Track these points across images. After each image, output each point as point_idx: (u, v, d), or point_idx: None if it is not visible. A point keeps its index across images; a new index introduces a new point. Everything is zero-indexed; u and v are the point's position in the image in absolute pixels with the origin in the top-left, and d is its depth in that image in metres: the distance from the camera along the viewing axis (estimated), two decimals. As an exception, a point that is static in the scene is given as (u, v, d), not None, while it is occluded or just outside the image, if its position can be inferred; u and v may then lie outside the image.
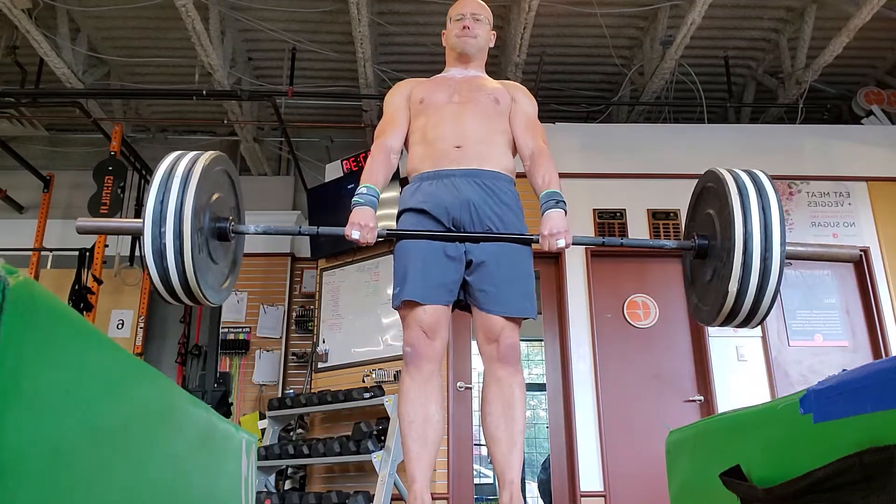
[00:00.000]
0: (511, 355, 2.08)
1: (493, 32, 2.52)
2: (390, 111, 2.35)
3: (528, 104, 2.41)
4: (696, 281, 2.22)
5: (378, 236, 2.04)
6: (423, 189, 2.19)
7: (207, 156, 1.97)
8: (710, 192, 2.12)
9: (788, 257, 1.89)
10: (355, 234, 1.99)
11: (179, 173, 1.85)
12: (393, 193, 5.17)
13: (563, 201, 2.15)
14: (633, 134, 5.58)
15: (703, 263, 2.14)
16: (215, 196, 2.01)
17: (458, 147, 2.20)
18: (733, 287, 1.88)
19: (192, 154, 1.96)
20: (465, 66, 2.44)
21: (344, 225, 2.05)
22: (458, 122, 2.24)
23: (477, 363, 7.70)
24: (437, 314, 2.10)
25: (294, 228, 2.32)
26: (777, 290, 1.89)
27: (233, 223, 2.09)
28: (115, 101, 6.27)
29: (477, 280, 2.11)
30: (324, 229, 2.12)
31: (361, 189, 2.09)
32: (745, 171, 2.02)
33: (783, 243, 1.87)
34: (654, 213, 5.18)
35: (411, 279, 2.09)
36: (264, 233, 2.12)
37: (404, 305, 2.11)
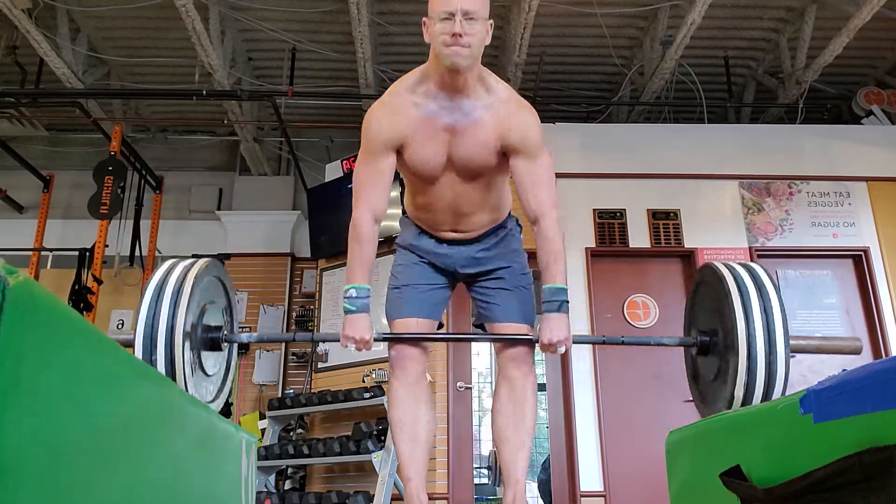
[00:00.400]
0: (525, 358, 2.08)
1: (490, 22, 1.93)
2: (369, 166, 1.99)
3: (532, 154, 1.99)
4: (698, 378, 2.21)
5: (375, 340, 2.04)
6: (424, 242, 2.20)
7: (199, 266, 1.95)
8: (708, 286, 2.10)
9: (792, 351, 1.88)
10: (351, 347, 2.01)
11: (170, 290, 1.83)
12: (392, 193, 5.17)
13: (567, 301, 1.97)
14: (633, 134, 5.58)
15: (706, 359, 2.12)
16: (207, 305, 2.00)
17: (454, 231, 2.14)
18: (738, 393, 1.86)
19: (182, 266, 1.94)
20: (455, 84, 1.91)
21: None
22: (452, 208, 2.07)
23: (477, 363, 7.70)
24: (424, 328, 2.15)
25: (288, 336, 2.51)
26: (784, 390, 1.85)
27: (225, 332, 2.09)
28: (115, 101, 6.27)
29: (491, 302, 2.16)
30: (319, 336, 2.61)
31: (350, 292, 1.98)
32: (742, 266, 2.01)
33: (787, 343, 1.85)
34: (654, 213, 5.18)
35: (406, 304, 2.16)
36: (258, 341, 2.18)
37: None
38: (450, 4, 1.83)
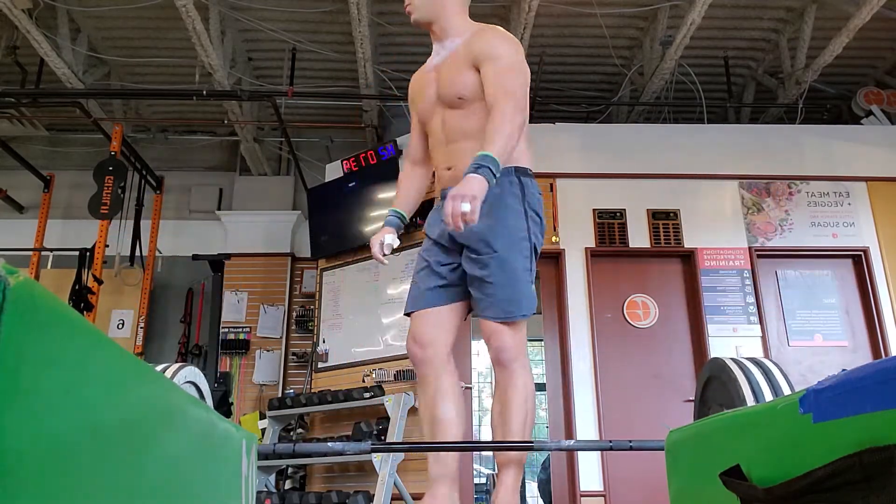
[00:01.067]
0: (501, 357, 2.08)
1: None
2: (411, 123, 2.42)
3: (492, 60, 2.06)
4: None
5: (389, 245, 2.20)
6: (432, 215, 2.31)
7: (170, 373, 1.89)
8: (717, 382, 2.04)
9: None
10: (373, 250, 2.20)
11: None
12: (392, 193, 5.18)
13: (489, 168, 1.84)
14: (633, 134, 5.58)
15: None
16: None
17: (448, 169, 2.18)
18: None
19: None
20: (434, 36, 2.28)
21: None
22: (444, 141, 2.19)
23: (477, 363, 7.70)
24: (427, 319, 2.14)
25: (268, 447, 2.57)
26: None
27: None
28: (116, 101, 6.27)
29: (472, 289, 2.13)
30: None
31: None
32: (751, 360, 1.93)
33: None
34: (653, 213, 5.18)
35: (408, 296, 2.23)
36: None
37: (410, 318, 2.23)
38: None
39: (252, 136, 6.45)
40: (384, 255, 2.20)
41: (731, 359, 1.97)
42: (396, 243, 2.24)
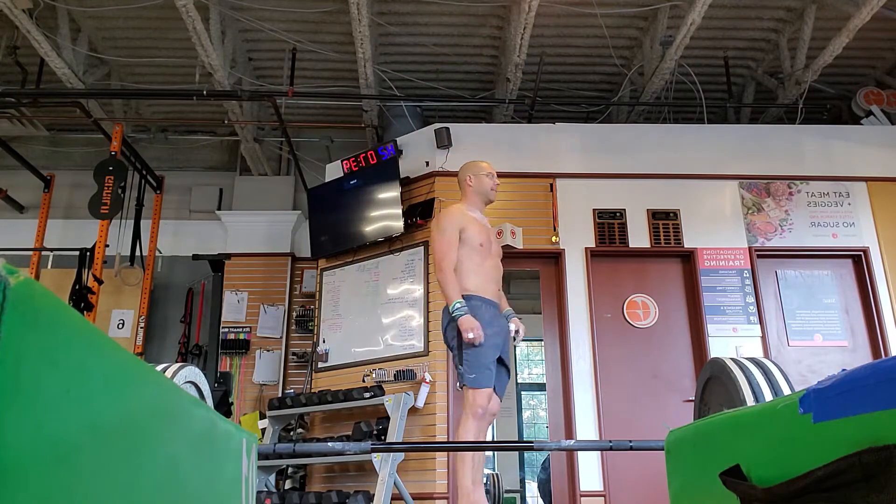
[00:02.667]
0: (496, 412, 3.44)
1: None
2: (450, 238, 3.31)
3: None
4: None
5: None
6: (486, 312, 3.24)
7: (170, 372, 1.90)
8: (717, 382, 2.05)
9: None
10: (470, 335, 3.07)
11: None
12: (393, 193, 5.18)
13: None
14: (633, 134, 5.58)
15: None
16: None
17: (497, 286, 3.43)
18: None
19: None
20: (481, 209, 3.52)
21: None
22: (494, 271, 3.40)
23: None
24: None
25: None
26: None
27: None
28: (116, 101, 6.27)
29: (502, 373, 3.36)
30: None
31: (457, 304, 3.14)
32: (751, 360, 1.96)
33: None
34: (653, 213, 5.18)
35: (489, 376, 3.15)
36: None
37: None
38: (493, 170, 3.57)
39: (252, 136, 6.45)
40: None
41: (731, 359, 1.98)
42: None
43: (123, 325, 6.11)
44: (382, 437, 4.30)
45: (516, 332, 3.40)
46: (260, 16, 5.26)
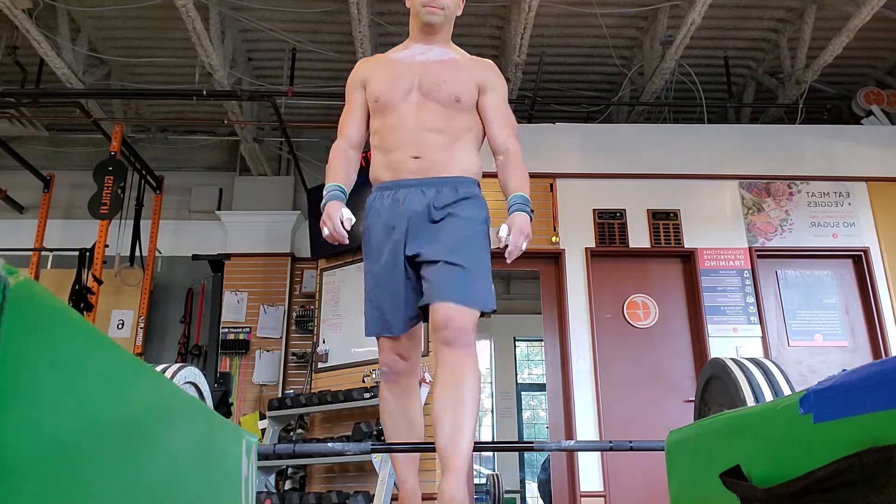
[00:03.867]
0: (460, 338, 1.96)
1: None
2: (348, 106, 2.38)
3: (498, 92, 2.26)
4: None
5: (350, 220, 2.27)
6: (375, 208, 2.30)
7: (170, 373, 1.89)
8: (717, 382, 2.04)
9: None
10: (325, 232, 2.25)
11: None
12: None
13: (532, 210, 2.21)
14: (633, 134, 5.58)
15: None
16: None
17: (415, 158, 2.14)
18: None
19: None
20: (429, 38, 2.32)
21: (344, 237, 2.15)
22: (415, 128, 2.15)
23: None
24: (406, 336, 2.24)
25: None
26: None
27: None
28: (115, 101, 6.27)
29: (427, 273, 2.10)
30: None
31: (324, 191, 2.29)
32: (751, 360, 1.94)
33: None
34: (654, 213, 5.18)
35: (373, 319, 2.30)
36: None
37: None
38: None
39: (252, 136, 6.45)
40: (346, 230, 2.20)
41: (732, 359, 1.97)
42: (354, 218, 2.25)
43: (123, 325, 6.10)
44: (382, 438, 4.30)
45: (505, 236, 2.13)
46: (260, 16, 5.26)
